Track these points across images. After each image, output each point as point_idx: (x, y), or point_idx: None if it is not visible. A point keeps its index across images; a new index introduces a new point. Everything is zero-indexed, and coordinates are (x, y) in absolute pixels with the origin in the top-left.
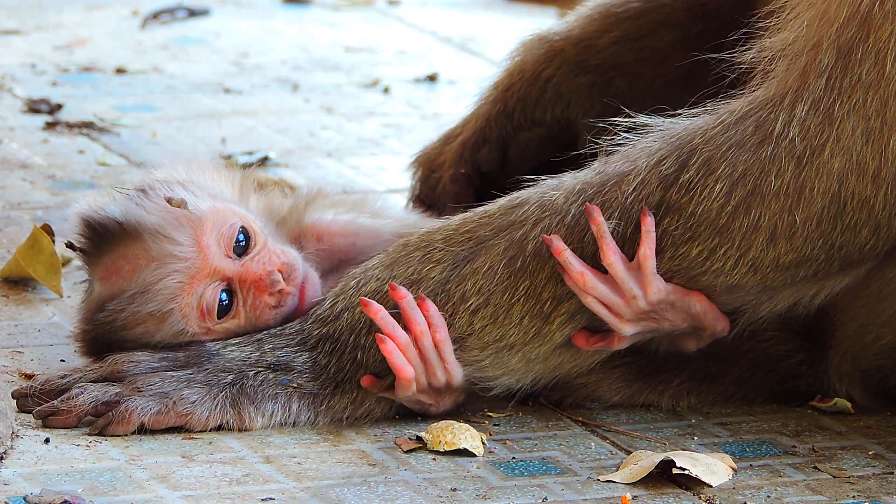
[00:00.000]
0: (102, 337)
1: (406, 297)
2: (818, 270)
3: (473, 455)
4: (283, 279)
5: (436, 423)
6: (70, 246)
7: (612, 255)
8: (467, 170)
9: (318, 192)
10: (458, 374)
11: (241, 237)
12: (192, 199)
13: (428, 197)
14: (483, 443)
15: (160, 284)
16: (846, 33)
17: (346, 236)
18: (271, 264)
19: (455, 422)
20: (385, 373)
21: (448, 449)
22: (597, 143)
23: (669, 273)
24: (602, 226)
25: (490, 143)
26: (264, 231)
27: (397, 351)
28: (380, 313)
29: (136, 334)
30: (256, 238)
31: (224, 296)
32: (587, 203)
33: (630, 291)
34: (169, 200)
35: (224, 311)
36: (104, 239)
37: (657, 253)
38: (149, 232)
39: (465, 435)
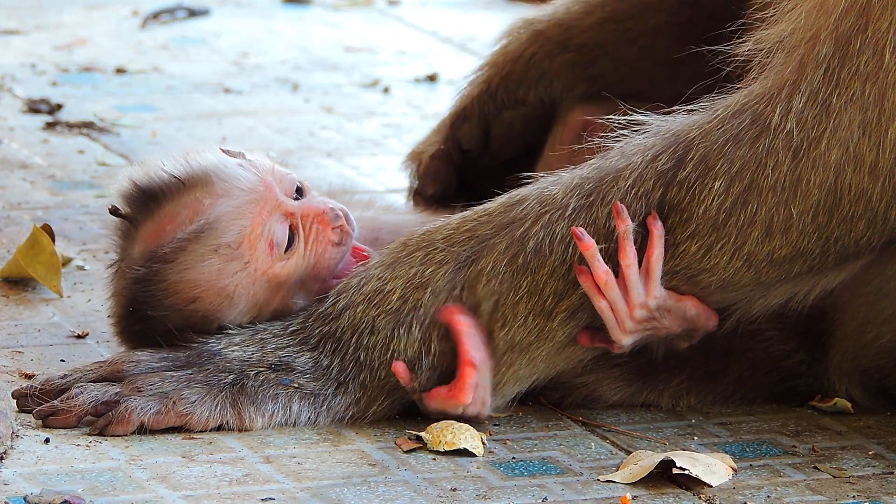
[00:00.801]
0: (149, 288)
1: (466, 323)
2: (813, 265)
3: (473, 455)
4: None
5: (436, 424)
6: (114, 211)
7: (631, 256)
8: (447, 147)
9: (341, 191)
10: (489, 405)
11: (298, 185)
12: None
13: (418, 186)
14: (483, 443)
15: (232, 214)
16: (844, 24)
17: (371, 231)
18: (331, 203)
19: (455, 422)
20: (410, 367)
21: (448, 449)
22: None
23: (669, 273)
24: (629, 227)
25: (471, 120)
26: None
27: (475, 376)
28: (465, 324)
29: (195, 276)
30: (309, 190)
31: (287, 231)
32: (616, 202)
33: (638, 297)
34: (227, 151)
35: (289, 245)
36: (157, 197)
37: (665, 251)
38: (214, 173)
39: (465, 435)
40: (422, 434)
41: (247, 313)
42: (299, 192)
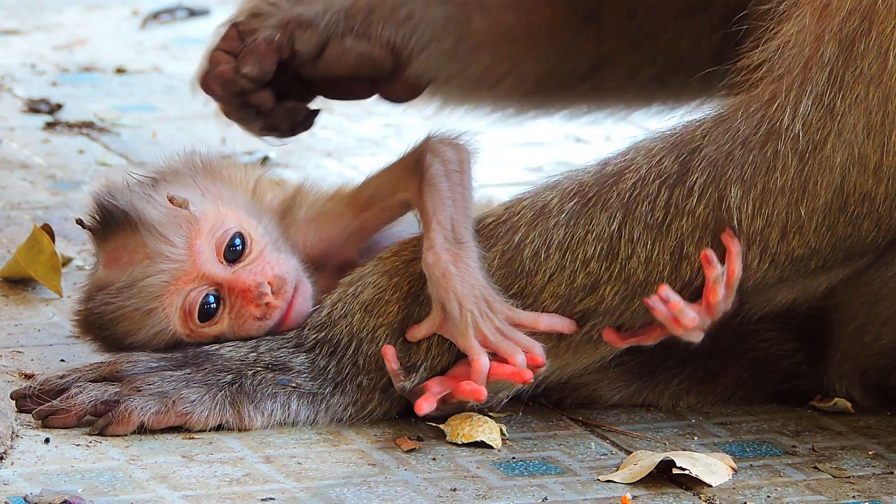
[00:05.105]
0: (95, 324)
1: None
2: (826, 262)
3: (491, 447)
4: (273, 292)
5: (455, 416)
6: (80, 223)
7: (721, 297)
8: (282, 38)
9: (301, 189)
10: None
11: (238, 242)
12: (197, 199)
13: (232, 46)
14: (502, 433)
15: (146, 282)
16: (848, 26)
17: (364, 238)
18: (262, 275)
19: (474, 414)
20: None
21: (466, 441)
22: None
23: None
24: (716, 271)
25: (316, 29)
26: (266, 238)
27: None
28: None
29: (124, 328)
30: (253, 246)
31: (212, 300)
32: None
33: (720, 311)
34: (171, 199)
35: (209, 315)
36: (110, 224)
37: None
38: (147, 227)
39: (482, 427)
40: (441, 426)
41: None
42: (243, 244)
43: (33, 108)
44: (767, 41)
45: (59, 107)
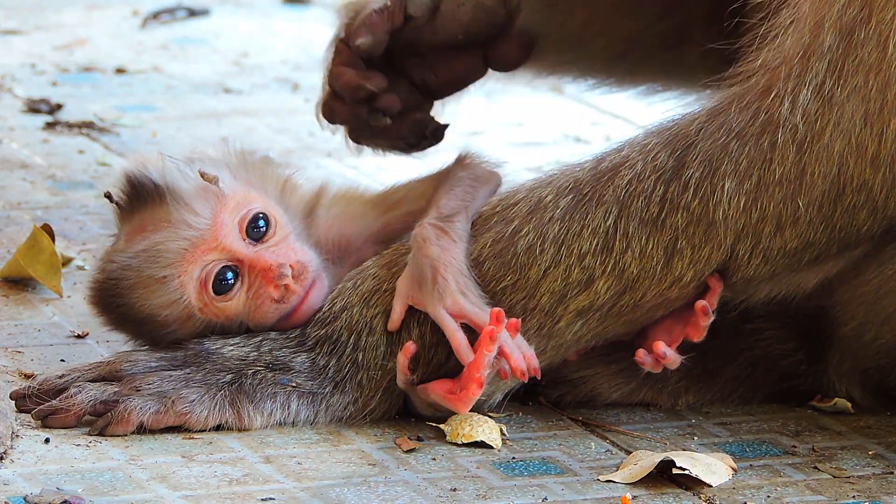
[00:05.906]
0: (110, 292)
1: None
2: (819, 254)
3: (491, 447)
4: (293, 276)
5: (455, 416)
6: (108, 196)
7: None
8: (393, 6)
9: (323, 189)
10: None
11: (262, 223)
12: (228, 179)
13: (347, 58)
14: (502, 433)
15: (164, 247)
16: (848, 14)
17: (367, 233)
18: (285, 257)
19: (474, 414)
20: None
21: (466, 441)
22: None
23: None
24: (709, 320)
25: None
26: (290, 227)
27: (479, 392)
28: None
29: (138, 296)
30: (277, 230)
31: (230, 275)
32: (700, 304)
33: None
34: (202, 174)
35: (224, 290)
36: (139, 197)
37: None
38: (174, 197)
39: (482, 427)
40: (441, 426)
41: (205, 332)
42: (267, 225)
43: (33, 108)
44: (764, 30)
45: (59, 107)
